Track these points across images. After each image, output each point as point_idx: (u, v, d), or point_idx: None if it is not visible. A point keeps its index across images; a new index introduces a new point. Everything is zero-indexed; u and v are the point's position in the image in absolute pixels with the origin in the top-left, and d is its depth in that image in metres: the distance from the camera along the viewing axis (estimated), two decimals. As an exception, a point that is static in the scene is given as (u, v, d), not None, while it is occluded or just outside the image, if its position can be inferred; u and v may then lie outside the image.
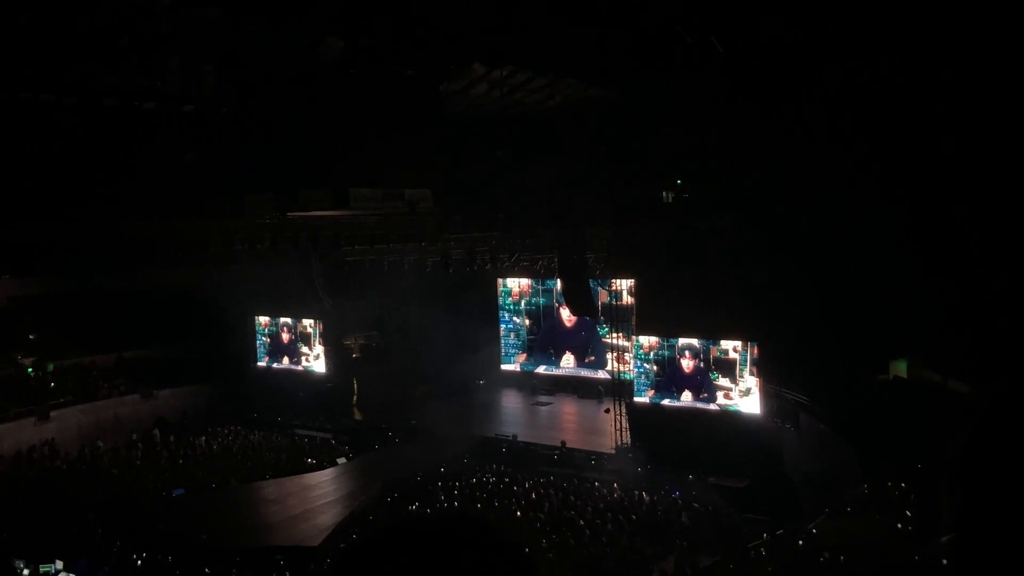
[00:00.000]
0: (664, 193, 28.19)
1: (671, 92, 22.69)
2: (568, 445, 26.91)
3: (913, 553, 15.66)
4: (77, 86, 21.02)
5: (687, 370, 26.58)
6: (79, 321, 32.14)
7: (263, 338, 35.87)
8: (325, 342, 34.10)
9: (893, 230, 22.97)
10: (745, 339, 25.52)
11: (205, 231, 24.34)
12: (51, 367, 30.84)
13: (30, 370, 30.45)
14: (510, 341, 36.19)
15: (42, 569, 18.17)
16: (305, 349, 34.78)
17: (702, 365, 26.37)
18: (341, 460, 28.08)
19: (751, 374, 25.48)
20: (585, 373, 34.29)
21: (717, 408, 25.89)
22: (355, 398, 32.91)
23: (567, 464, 26.07)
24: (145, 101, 22.84)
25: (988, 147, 19.23)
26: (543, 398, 33.94)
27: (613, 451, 26.44)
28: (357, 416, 32.20)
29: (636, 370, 27.58)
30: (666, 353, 26.97)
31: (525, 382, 35.32)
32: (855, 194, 23.25)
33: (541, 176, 25.02)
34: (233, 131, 21.93)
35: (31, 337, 31.67)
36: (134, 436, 30.09)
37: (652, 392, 27.13)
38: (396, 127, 20.02)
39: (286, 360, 35.24)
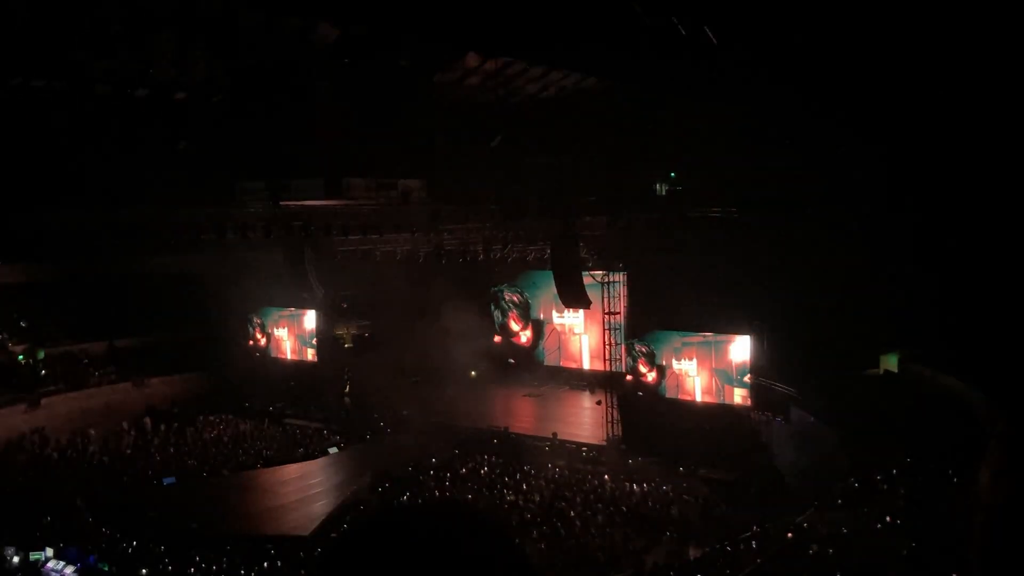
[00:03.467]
0: (657, 185, 28.20)
1: (665, 84, 22.67)
2: (559, 436, 26.97)
3: (901, 546, 15.76)
4: (69, 71, 20.88)
5: (677, 362, 26.62)
6: (70, 308, 32.04)
7: (255, 327, 35.79)
8: (317, 332, 34.05)
9: (886, 225, 23.05)
10: (737, 332, 25.55)
11: (197, 219, 24.25)
12: (42, 354, 30.71)
13: (20, 357, 30.33)
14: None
15: (32, 557, 18.13)
16: (297, 339, 34.72)
17: (693, 357, 26.40)
18: (332, 450, 28.09)
19: (742, 367, 25.52)
20: (576, 365, 34.34)
21: (708, 400, 25.95)
22: (347, 388, 32.89)
23: (558, 455, 26.12)
24: (137, 88, 22.71)
25: (983, 146, 19.31)
26: (535, 389, 33.99)
27: (604, 443, 26.52)
28: (349, 406, 32.18)
29: (628, 362, 27.61)
30: (658, 345, 27.00)
31: (517, 373, 35.36)
32: (848, 189, 23.32)
33: (534, 167, 25.00)
34: (226, 119, 21.82)
35: (22, 324, 31.54)
36: (125, 424, 30.02)
37: (644, 382, 27.17)
38: (390, 117, 19.96)
39: (278, 349, 35.19)
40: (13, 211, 22.19)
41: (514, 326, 36.23)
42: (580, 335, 34.40)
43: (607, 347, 28.10)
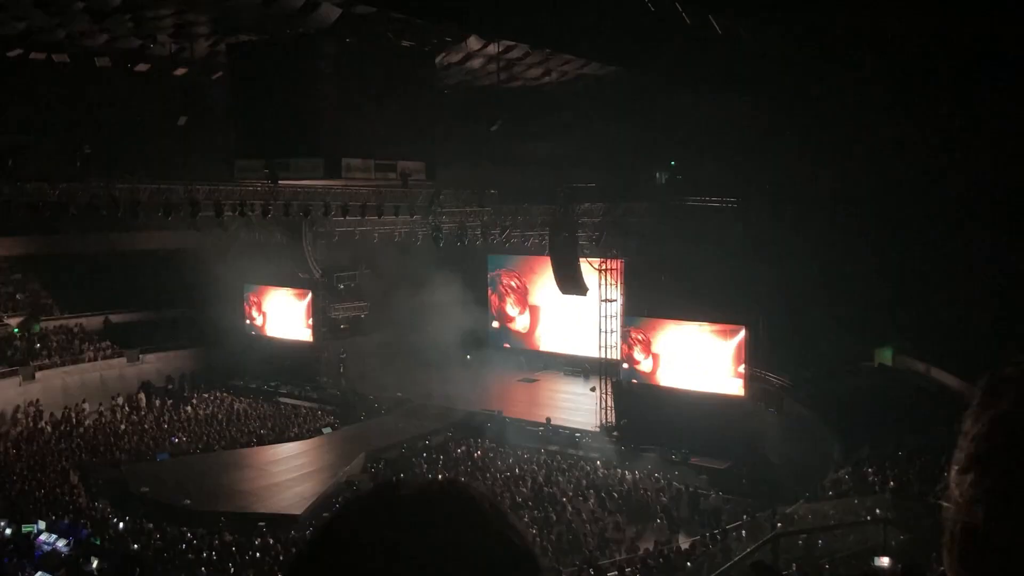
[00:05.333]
0: (657, 174, 28.17)
1: (668, 73, 22.60)
2: (553, 422, 27.04)
3: (890, 538, 15.84)
4: (69, 44, 20.77)
5: (673, 351, 26.64)
6: (66, 282, 32.01)
7: (251, 305, 35.76)
8: (314, 312, 34.04)
9: (884, 219, 23.06)
10: (732, 322, 25.56)
11: (195, 195, 24.18)
12: (37, 328, 30.70)
13: (16, 330, 30.30)
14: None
15: (24, 529, 18.16)
16: (293, 318, 34.71)
17: (688, 346, 26.42)
18: (326, 430, 28.16)
19: (737, 357, 25.55)
20: (572, 351, 34.37)
21: (702, 390, 25.97)
22: (342, 368, 32.93)
23: (551, 441, 26.20)
24: (137, 63, 22.60)
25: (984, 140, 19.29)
26: (530, 374, 34.06)
27: (597, 429, 26.59)
28: (343, 387, 32.23)
29: (623, 349, 27.63)
30: (653, 333, 27.02)
31: (512, 358, 35.44)
32: (847, 183, 23.31)
33: (534, 152, 24.97)
34: (226, 97, 21.71)
35: (18, 297, 31.51)
36: (120, 399, 30.05)
37: (638, 370, 27.21)
38: (391, 98, 19.87)
39: (274, 328, 35.16)
40: (10, 184, 22.12)
41: (511, 311, 36.27)
42: (576, 322, 34.40)
43: (603, 334, 28.12)
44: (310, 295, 34.03)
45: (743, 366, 25.30)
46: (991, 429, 1.02)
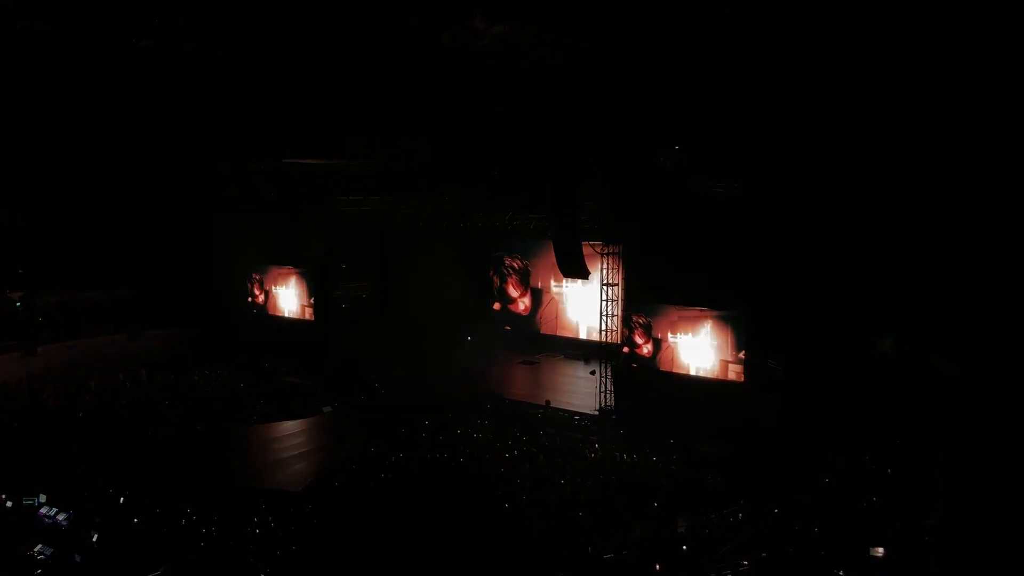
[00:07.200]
0: (662, 157, 28.02)
1: (675, 55, 22.47)
2: (552, 405, 27.11)
3: (887, 526, 15.93)
4: (74, 17, 20.67)
5: (673, 335, 26.70)
6: (68, 257, 32.01)
7: (254, 283, 35.82)
8: (315, 291, 34.07)
9: (886, 205, 23.00)
10: (734, 308, 25.60)
11: (199, 172, 24.17)
12: (40, 302, 30.74)
13: (18, 304, 30.35)
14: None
15: (25, 502, 18.28)
16: (295, 297, 34.77)
17: (689, 331, 26.48)
18: (326, 408, 28.24)
19: (738, 342, 25.61)
20: (572, 334, 34.45)
21: (702, 374, 26.06)
22: (344, 348, 33.00)
23: (550, 423, 26.29)
24: (143, 38, 22.49)
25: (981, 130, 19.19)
26: (530, 357, 34.12)
27: (597, 412, 26.68)
28: (344, 367, 32.30)
29: (624, 333, 27.68)
30: (654, 317, 27.05)
31: (512, 340, 35.50)
32: (850, 166, 23.23)
33: (540, 133, 24.88)
34: (231, 73, 21.65)
35: (20, 271, 31.54)
36: (120, 375, 30.14)
37: (639, 354, 27.26)
38: (396, 77, 19.82)
39: (276, 307, 35.24)
40: (13, 157, 22.12)
41: (512, 292, 36.31)
42: (577, 305, 34.46)
43: (604, 318, 28.16)
44: (313, 274, 34.08)
45: (743, 351, 25.35)
46: (962, 438, 1.04)
